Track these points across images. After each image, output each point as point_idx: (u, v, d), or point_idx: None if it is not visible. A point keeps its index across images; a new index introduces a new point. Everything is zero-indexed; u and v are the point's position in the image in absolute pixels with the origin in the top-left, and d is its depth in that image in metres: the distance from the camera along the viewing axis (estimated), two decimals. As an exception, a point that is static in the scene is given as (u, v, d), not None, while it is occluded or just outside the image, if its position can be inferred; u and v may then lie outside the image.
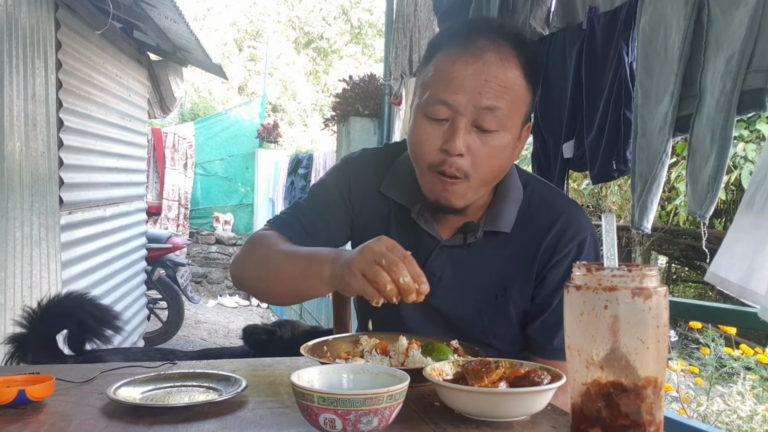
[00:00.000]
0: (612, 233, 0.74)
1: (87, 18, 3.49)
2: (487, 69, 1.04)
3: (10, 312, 2.64)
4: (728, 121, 1.51)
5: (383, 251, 0.91)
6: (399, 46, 3.86)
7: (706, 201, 1.57)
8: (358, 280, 0.92)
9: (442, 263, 1.20)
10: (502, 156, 1.10)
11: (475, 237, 1.18)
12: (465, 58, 1.05)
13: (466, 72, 1.04)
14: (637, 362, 0.66)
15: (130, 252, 4.66)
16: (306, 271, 1.03)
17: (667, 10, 1.71)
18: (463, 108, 1.05)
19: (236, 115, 9.97)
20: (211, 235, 9.18)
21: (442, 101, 1.06)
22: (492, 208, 1.19)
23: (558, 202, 1.21)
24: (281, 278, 1.09)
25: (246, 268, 1.18)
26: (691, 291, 7.97)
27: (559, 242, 1.16)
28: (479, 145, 1.07)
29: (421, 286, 0.91)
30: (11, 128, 2.63)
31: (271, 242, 1.17)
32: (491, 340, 1.20)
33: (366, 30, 15.35)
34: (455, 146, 1.05)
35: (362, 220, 1.27)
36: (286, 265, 1.08)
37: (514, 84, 1.06)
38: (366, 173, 1.28)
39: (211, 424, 0.80)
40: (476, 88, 1.04)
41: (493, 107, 1.05)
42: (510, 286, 1.18)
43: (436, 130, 1.08)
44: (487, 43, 1.06)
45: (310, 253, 1.07)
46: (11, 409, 0.84)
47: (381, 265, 0.90)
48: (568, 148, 2.14)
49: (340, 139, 4.82)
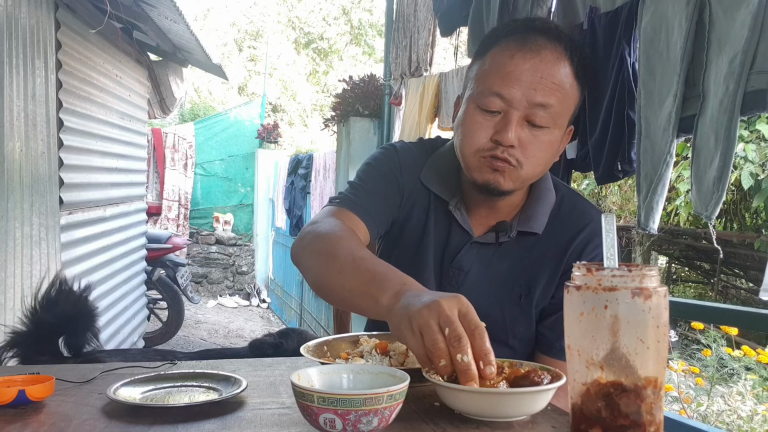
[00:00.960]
0: (612, 233, 0.74)
1: (87, 18, 3.49)
2: (544, 65, 1.07)
3: (10, 312, 2.63)
4: (732, 121, 1.51)
5: (452, 318, 0.80)
6: (399, 46, 3.86)
7: (711, 202, 1.57)
8: (414, 339, 0.81)
9: (471, 259, 1.22)
10: (549, 151, 1.13)
11: (508, 236, 1.20)
12: (523, 53, 1.08)
13: (523, 67, 1.07)
14: (637, 362, 0.66)
15: (130, 252, 4.66)
16: (366, 291, 0.95)
17: (668, 11, 1.71)
18: (518, 102, 1.07)
19: (236, 116, 9.97)
20: (211, 236, 9.19)
21: (497, 94, 1.08)
22: (526, 209, 1.21)
23: (587, 210, 1.24)
24: (339, 284, 1.01)
25: (308, 255, 1.10)
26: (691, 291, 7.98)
27: (586, 247, 1.19)
28: (530, 139, 1.09)
29: (486, 368, 0.78)
30: (11, 128, 2.63)
31: (340, 233, 1.09)
32: (509, 339, 1.21)
33: (366, 30, 15.35)
34: (507, 137, 1.07)
35: (408, 204, 1.27)
36: (349, 272, 0.99)
37: (566, 83, 1.09)
38: (411, 160, 1.28)
39: (211, 424, 0.80)
40: (531, 83, 1.07)
41: (545, 104, 1.07)
42: (534, 287, 1.19)
43: (489, 121, 1.10)
44: (545, 41, 1.08)
45: (377, 270, 0.97)
46: (11, 409, 0.84)
47: (443, 334, 0.79)
48: (571, 149, 2.14)
49: (340, 140, 4.82)
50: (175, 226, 8.78)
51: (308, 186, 6.48)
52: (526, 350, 1.23)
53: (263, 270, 9.42)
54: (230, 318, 7.67)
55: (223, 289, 9.07)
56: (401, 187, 1.25)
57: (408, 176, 1.26)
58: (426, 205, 1.26)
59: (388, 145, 1.33)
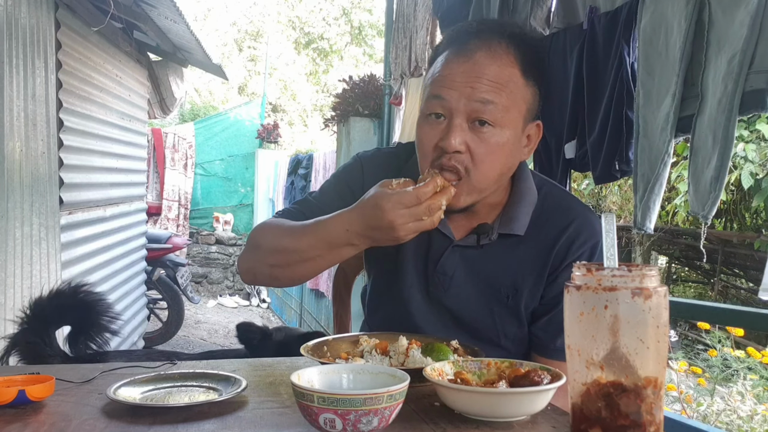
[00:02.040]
0: (612, 233, 0.74)
1: (87, 18, 3.49)
2: (478, 67, 1.07)
3: (10, 312, 2.63)
4: (730, 121, 1.51)
5: (412, 199, 0.98)
6: (399, 46, 3.86)
7: (708, 201, 1.57)
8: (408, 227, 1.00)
9: (454, 263, 1.21)
10: (501, 153, 1.10)
11: (489, 239, 1.19)
12: (458, 57, 1.09)
13: (458, 70, 1.08)
14: (637, 362, 0.66)
15: (130, 252, 4.66)
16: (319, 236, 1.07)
17: (667, 11, 1.71)
18: (456, 102, 1.07)
19: (236, 116, 9.97)
20: (211, 236, 9.19)
21: (436, 96, 1.09)
22: (507, 211, 1.20)
23: (572, 207, 1.22)
24: (300, 253, 1.10)
25: (258, 259, 1.17)
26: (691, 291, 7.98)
27: (573, 245, 1.17)
28: (477, 142, 1.08)
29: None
30: (11, 128, 2.63)
31: (279, 223, 1.17)
32: (501, 340, 1.21)
33: (366, 30, 15.35)
34: (450, 143, 1.06)
35: None
36: (297, 239, 1.10)
37: (508, 81, 1.08)
38: (379, 172, 1.27)
39: (211, 424, 0.80)
40: (467, 83, 1.07)
41: (484, 101, 1.06)
42: (521, 287, 1.19)
43: (434, 128, 1.10)
44: (479, 44, 1.09)
45: (316, 220, 1.09)
46: (11, 409, 0.84)
47: (419, 207, 0.98)
48: (569, 149, 2.14)
49: (340, 140, 4.82)
50: (175, 226, 8.78)
51: (308, 186, 6.48)
52: (519, 350, 1.22)
53: (263, 270, 9.39)
54: (230, 318, 7.67)
55: (223, 289, 9.07)
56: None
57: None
58: None
59: (355, 157, 1.33)
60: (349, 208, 1.06)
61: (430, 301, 1.23)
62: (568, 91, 2.12)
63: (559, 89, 2.17)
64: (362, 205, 1.03)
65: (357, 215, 1.03)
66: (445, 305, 1.22)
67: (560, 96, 2.17)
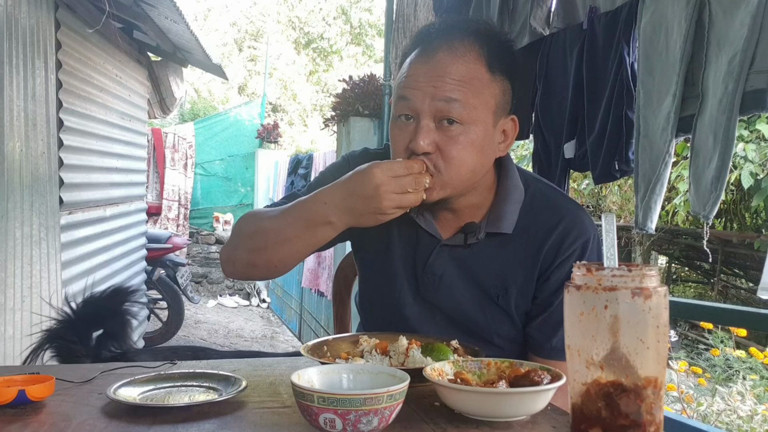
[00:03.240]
0: (612, 233, 0.74)
1: (87, 18, 3.49)
2: (440, 66, 1.08)
3: (10, 312, 2.63)
4: (731, 121, 1.51)
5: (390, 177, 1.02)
6: (399, 46, 3.86)
7: (709, 201, 1.57)
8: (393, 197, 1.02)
9: (443, 262, 1.20)
10: (472, 150, 1.10)
11: (476, 238, 1.18)
12: (420, 58, 1.11)
13: (421, 70, 1.09)
14: (637, 362, 0.66)
15: (130, 252, 4.66)
16: (304, 216, 1.08)
17: (668, 11, 1.71)
18: (421, 102, 1.08)
19: (236, 115, 9.97)
20: (211, 235, 9.18)
21: (402, 97, 1.10)
22: (494, 210, 1.19)
23: (561, 204, 1.21)
24: (276, 233, 1.11)
25: (238, 244, 1.17)
26: (691, 291, 7.98)
27: (563, 243, 1.16)
28: (446, 141, 1.08)
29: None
30: (11, 128, 2.63)
31: (261, 210, 1.19)
32: (495, 339, 1.21)
33: (366, 30, 15.35)
34: (418, 144, 1.07)
35: None
36: (282, 222, 1.11)
37: (472, 78, 1.08)
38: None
39: (211, 424, 0.80)
40: (430, 82, 1.08)
41: (449, 99, 1.07)
42: (511, 287, 1.18)
43: (404, 130, 1.11)
44: (440, 43, 1.10)
45: (298, 200, 1.11)
46: (11, 409, 0.84)
47: (406, 178, 1.02)
48: (569, 149, 2.14)
49: (340, 139, 4.82)
50: (175, 226, 8.78)
51: (308, 186, 6.47)
52: (513, 349, 1.21)
53: (263, 270, 9.40)
54: (230, 318, 7.67)
55: (223, 289, 9.06)
56: None
57: None
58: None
59: (343, 157, 1.34)
60: (331, 183, 1.08)
61: (421, 301, 1.23)
62: (568, 90, 2.12)
63: (558, 89, 2.17)
64: (349, 175, 1.06)
65: (341, 185, 1.06)
66: (436, 305, 1.22)
67: (560, 96, 2.17)
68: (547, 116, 2.26)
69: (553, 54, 2.21)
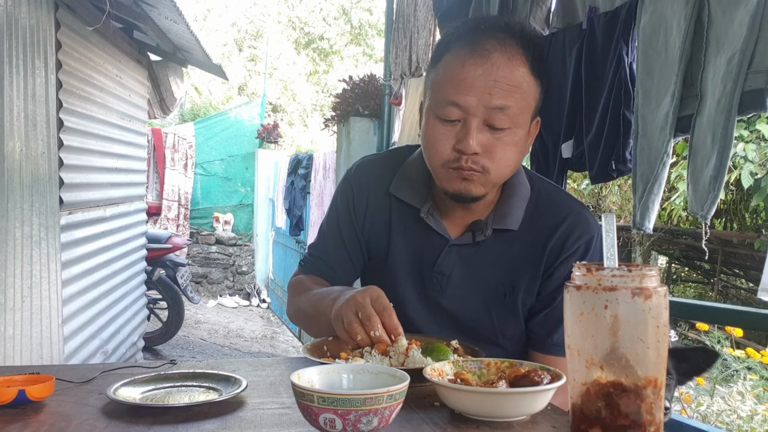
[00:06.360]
0: (612, 233, 0.74)
1: (87, 18, 3.49)
2: (496, 69, 1.06)
3: (10, 312, 2.63)
4: (729, 121, 1.51)
5: (364, 303, 1.02)
6: (399, 46, 3.86)
7: (707, 201, 1.57)
8: (339, 327, 1.04)
9: (452, 262, 1.21)
10: (514, 151, 1.11)
11: (484, 235, 1.19)
12: (473, 59, 1.07)
13: (475, 73, 1.06)
14: (637, 362, 0.66)
15: (130, 252, 4.66)
16: (320, 312, 1.14)
17: (667, 11, 1.71)
18: (474, 109, 1.06)
19: (236, 116, 9.97)
20: (211, 236, 9.18)
21: (453, 103, 1.08)
22: (500, 206, 1.20)
23: (566, 202, 1.23)
24: (310, 321, 1.23)
25: (291, 314, 1.35)
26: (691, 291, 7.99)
27: (567, 240, 1.17)
28: (492, 142, 1.09)
29: (398, 338, 1.01)
30: (11, 128, 2.63)
31: (301, 289, 1.30)
32: (499, 339, 1.21)
33: (366, 30, 15.35)
34: (469, 145, 1.07)
35: (367, 226, 1.29)
36: (310, 310, 1.21)
37: (522, 82, 1.08)
38: (366, 180, 1.30)
39: (211, 424, 0.80)
40: (486, 89, 1.06)
41: (503, 107, 1.06)
42: (518, 284, 1.19)
43: (449, 130, 1.10)
44: (495, 44, 1.07)
45: (323, 294, 1.18)
46: (11, 409, 0.84)
47: (357, 317, 1.01)
48: (566, 148, 2.14)
49: (340, 140, 4.82)
50: (175, 226, 8.78)
51: (308, 186, 6.48)
52: (517, 349, 1.22)
53: (263, 270, 9.42)
54: (230, 318, 7.67)
55: (223, 289, 9.07)
56: (356, 220, 1.31)
57: (360, 202, 1.30)
58: (387, 218, 1.27)
59: (342, 178, 1.36)
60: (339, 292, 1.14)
61: (426, 301, 1.23)
62: (567, 90, 2.12)
63: (557, 89, 2.17)
64: (346, 296, 1.09)
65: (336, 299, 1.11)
66: (442, 306, 1.22)
67: (558, 95, 2.17)
68: (546, 116, 2.24)
69: (552, 54, 2.21)
